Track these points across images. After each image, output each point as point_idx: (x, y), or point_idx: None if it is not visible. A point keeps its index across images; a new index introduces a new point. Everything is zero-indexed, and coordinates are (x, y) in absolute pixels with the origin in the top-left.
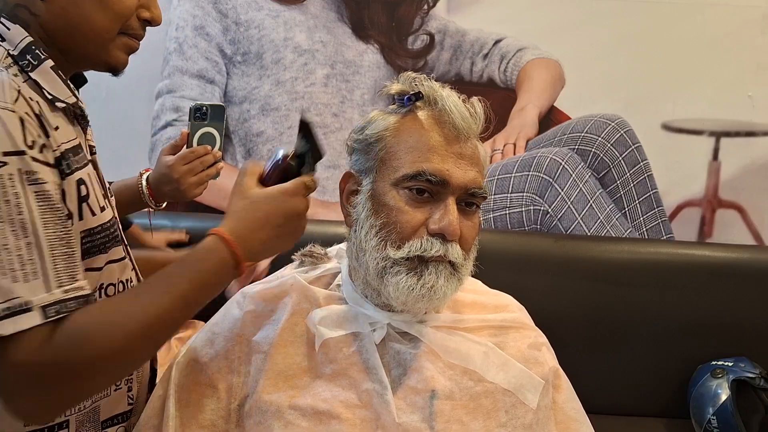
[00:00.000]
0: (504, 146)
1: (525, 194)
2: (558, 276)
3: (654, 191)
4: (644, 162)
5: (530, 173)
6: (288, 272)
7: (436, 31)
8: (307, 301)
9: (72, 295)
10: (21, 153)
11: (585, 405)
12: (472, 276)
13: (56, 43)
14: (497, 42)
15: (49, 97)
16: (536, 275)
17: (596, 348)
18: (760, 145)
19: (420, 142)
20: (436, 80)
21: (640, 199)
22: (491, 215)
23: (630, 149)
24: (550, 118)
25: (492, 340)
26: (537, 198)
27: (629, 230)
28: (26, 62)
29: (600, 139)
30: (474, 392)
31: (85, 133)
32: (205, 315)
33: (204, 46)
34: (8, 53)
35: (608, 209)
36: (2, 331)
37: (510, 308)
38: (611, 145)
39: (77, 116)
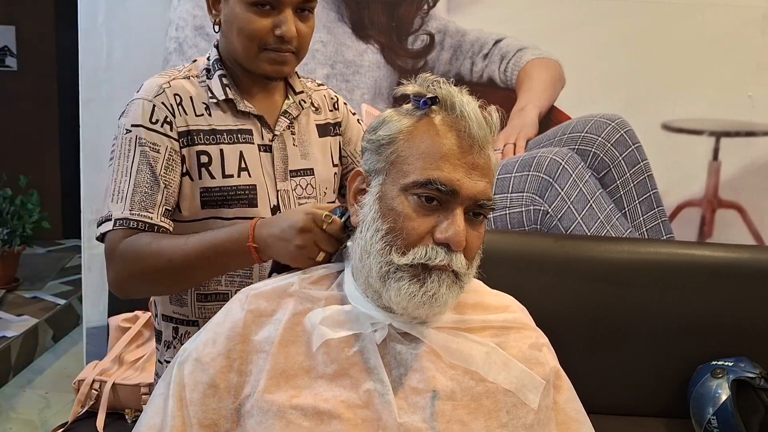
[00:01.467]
0: (504, 146)
1: (525, 194)
2: (558, 276)
3: (654, 191)
4: (644, 162)
5: (530, 173)
6: (290, 275)
7: (436, 31)
8: (308, 301)
9: (135, 218)
10: (140, 126)
11: (585, 405)
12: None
13: (232, 61)
14: (497, 42)
15: (209, 95)
16: (536, 275)
17: (596, 348)
18: (760, 145)
19: (432, 149)
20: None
21: (640, 199)
22: (491, 215)
23: (630, 149)
24: (550, 118)
25: (493, 341)
26: (537, 198)
27: (629, 230)
28: (208, 73)
29: (600, 139)
30: (475, 392)
31: (268, 124)
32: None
33: (204, 46)
34: (204, 67)
35: (608, 209)
36: (99, 231)
37: (511, 309)
38: (611, 145)
39: (242, 112)
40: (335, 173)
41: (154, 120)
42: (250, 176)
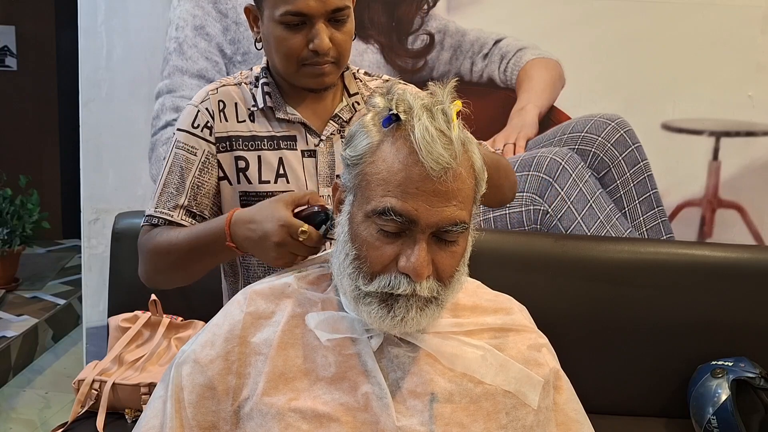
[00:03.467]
0: (504, 146)
1: (525, 194)
2: (558, 276)
3: (654, 191)
4: (644, 162)
5: (530, 173)
6: (287, 273)
7: (436, 31)
8: (305, 304)
9: (158, 215)
10: (183, 130)
11: (585, 405)
12: (472, 277)
13: (277, 72)
14: (497, 42)
15: (252, 102)
16: (536, 275)
17: (596, 348)
18: (760, 145)
19: (391, 175)
20: (436, 81)
21: (640, 199)
22: (491, 215)
23: (630, 149)
24: (550, 118)
25: (492, 342)
26: (537, 198)
27: (629, 230)
28: (256, 81)
29: (600, 139)
30: (474, 394)
31: (313, 129)
32: (206, 315)
33: (204, 46)
34: (255, 75)
35: (608, 209)
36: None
37: (510, 310)
38: (611, 145)
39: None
40: None
41: (196, 124)
42: (287, 182)
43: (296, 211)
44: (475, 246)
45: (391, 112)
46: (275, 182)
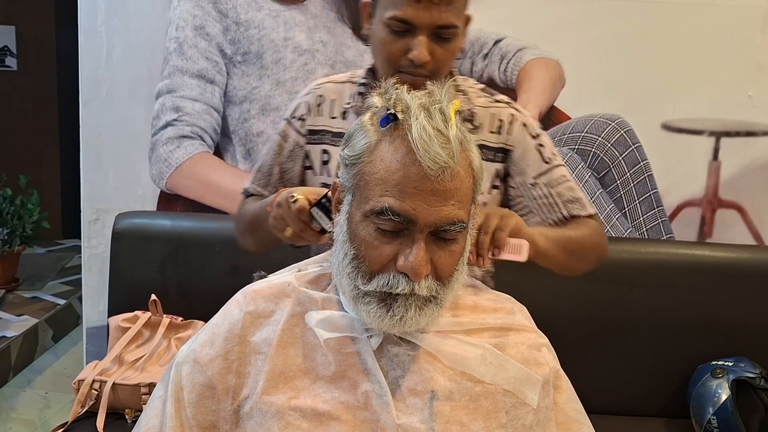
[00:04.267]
0: None
1: None
2: (558, 276)
3: (654, 191)
4: (644, 162)
5: None
6: (287, 272)
7: None
8: (305, 303)
9: (251, 190)
10: (285, 119)
11: (585, 405)
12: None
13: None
14: (497, 42)
15: (347, 100)
16: (536, 275)
17: (596, 348)
18: (760, 145)
19: (388, 175)
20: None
21: (640, 199)
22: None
23: (630, 149)
24: (550, 118)
25: (491, 342)
26: None
27: (629, 230)
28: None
29: (600, 139)
30: (474, 393)
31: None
32: (206, 315)
33: (204, 46)
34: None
35: (608, 209)
36: None
37: (510, 309)
38: (611, 145)
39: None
40: None
41: (293, 115)
42: None
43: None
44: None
45: (388, 112)
46: None
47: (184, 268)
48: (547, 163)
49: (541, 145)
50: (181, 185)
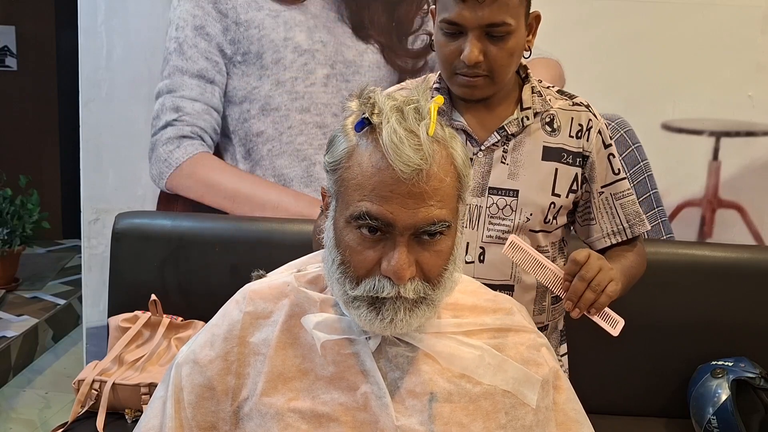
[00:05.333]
0: None
1: None
2: None
3: (654, 191)
4: (644, 162)
5: None
6: (285, 272)
7: None
8: (304, 303)
9: None
10: None
11: (585, 405)
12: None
13: None
14: None
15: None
16: None
17: (596, 348)
18: (760, 145)
19: (365, 179)
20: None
21: (640, 199)
22: None
23: (630, 149)
24: None
25: (491, 342)
26: None
27: None
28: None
29: None
30: (473, 394)
31: (474, 138)
32: (206, 315)
33: (204, 46)
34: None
35: None
36: None
37: (510, 310)
38: None
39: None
40: (553, 203)
41: None
42: None
43: None
44: None
45: (363, 116)
46: None
47: (184, 268)
48: (615, 174)
49: (612, 155)
50: (181, 185)
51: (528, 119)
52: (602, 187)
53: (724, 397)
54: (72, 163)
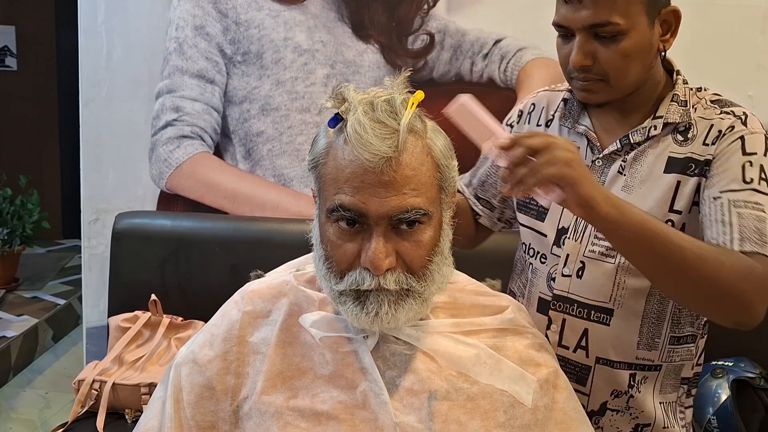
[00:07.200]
0: None
1: None
2: None
3: None
4: None
5: None
6: (284, 272)
7: (436, 31)
8: (303, 302)
9: (458, 188)
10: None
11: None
12: (473, 277)
13: None
14: (497, 42)
15: (555, 110)
16: None
17: None
18: None
19: (338, 172)
20: (435, 80)
21: None
22: None
23: None
24: None
25: (490, 342)
26: None
27: None
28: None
29: None
30: (471, 392)
31: (594, 144)
32: (206, 315)
33: (204, 46)
34: None
35: None
36: None
37: (508, 310)
38: None
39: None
40: (670, 220)
41: (508, 122)
42: None
43: None
44: None
45: (335, 112)
46: None
47: (184, 268)
48: (746, 183)
49: (750, 163)
50: (181, 185)
51: (655, 129)
52: (721, 191)
53: (724, 397)
54: (72, 163)
